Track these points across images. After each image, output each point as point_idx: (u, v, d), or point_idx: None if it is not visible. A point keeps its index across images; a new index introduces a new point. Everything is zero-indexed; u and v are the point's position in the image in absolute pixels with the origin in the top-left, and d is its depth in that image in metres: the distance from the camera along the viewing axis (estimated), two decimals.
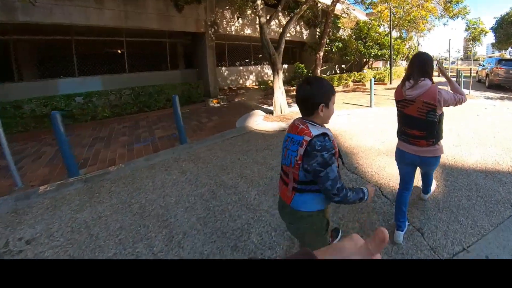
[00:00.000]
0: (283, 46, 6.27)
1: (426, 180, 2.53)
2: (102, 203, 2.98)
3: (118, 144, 5.07)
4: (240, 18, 10.04)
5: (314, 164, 1.12)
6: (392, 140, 4.59)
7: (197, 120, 6.83)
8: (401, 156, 2.17)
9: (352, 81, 14.31)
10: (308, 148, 1.14)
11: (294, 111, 6.78)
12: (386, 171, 3.41)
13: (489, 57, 22.98)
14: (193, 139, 5.20)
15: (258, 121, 6.11)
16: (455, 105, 1.97)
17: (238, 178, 3.43)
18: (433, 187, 2.76)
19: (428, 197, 2.72)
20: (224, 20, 10.01)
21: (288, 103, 7.93)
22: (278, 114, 6.39)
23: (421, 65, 1.93)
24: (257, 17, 6.14)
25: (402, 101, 2.02)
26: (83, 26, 7.32)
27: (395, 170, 3.41)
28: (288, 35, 13.58)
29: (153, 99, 7.99)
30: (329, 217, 1.39)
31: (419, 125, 1.96)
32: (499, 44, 33.95)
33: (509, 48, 35.12)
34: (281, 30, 6.76)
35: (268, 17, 6.67)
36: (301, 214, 1.26)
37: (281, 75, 6.31)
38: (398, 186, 2.28)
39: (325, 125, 1.27)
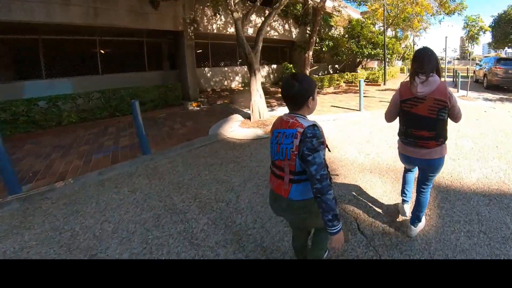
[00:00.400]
0: (260, 44, 5.67)
1: (423, 191, 2.05)
2: (32, 229, 2.52)
3: (77, 154, 4.49)
4: (221, 16, 9.40)
5: (303, 148, 1.21)
6: (379, 152, 4.03)
7: (169, 125, 6.23)
8: (407, 162, 2.09)
9: (344, 82, 13.71)
10: (301, 137, 1.23)
11: (275, 115, 6.17)
12: (367, 195, 2.80)
13: (485, 56, 22.59)
14: (158, 148, 4.66)
15: (233, 128, 5.50)
16: (453, 115, 1.86)
17: (191, 200, 2.89)
18: (422, 224, 2.18)
19: (416, 233, 2.12)
20: (205, 18, 9.36)
21: (272, 106, 7.36)
22: (256, 119, 5.78)
23: (430, 59, 1.79)
24: (234, 13, 5.53)
25: (410, 100, 1.83)
26: (49, 24, 6.69)
27: (377, 192, 2.88)
28: (276, 33, 13.08)
29: (126, 102, 7.39)
30: None
31: (428, 125, 1.81)
32: (496, 43, 33.58)
33: (506, 48, 34.79)
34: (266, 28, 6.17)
35: (245, 13, 6.07)
36: (298, 203, 1.33)
37: (259, 77, 5.70)
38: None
39: (307, 117, 1.35)
